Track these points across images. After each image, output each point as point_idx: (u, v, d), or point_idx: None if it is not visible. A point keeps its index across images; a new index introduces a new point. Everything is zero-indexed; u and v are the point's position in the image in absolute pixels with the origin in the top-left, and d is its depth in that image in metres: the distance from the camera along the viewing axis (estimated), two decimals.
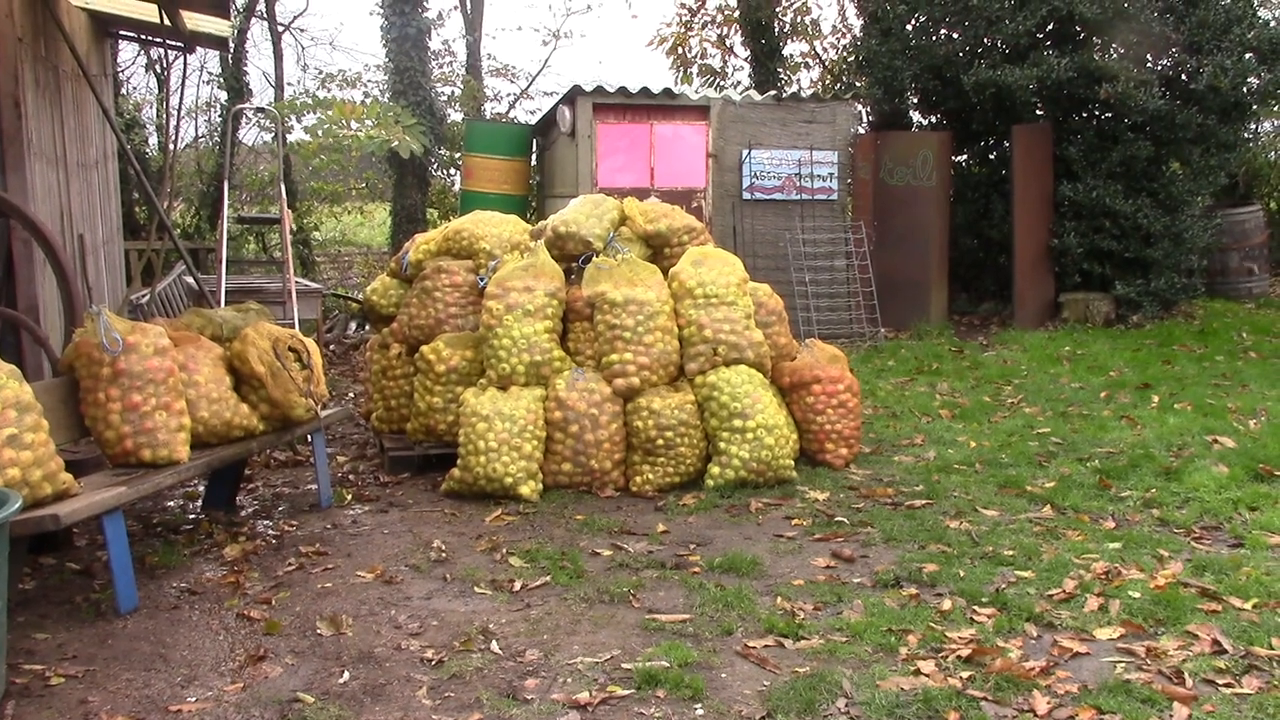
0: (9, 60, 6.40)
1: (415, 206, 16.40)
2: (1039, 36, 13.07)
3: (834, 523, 5.70)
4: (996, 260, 13.98)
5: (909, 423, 8.10)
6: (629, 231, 7.05)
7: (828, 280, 12.34)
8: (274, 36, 18.70)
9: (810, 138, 12.74)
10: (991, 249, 14.07)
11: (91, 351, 5.00)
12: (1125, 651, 4.03)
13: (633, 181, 12.29)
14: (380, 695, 3.77)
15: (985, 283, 14.24)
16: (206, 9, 8.77)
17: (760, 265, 11.73)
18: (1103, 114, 13.15)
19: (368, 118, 14.21)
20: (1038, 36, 13.05)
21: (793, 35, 18.89)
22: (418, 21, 16.12)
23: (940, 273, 13.09)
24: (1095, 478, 6.39)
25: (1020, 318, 12.69)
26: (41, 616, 4.53)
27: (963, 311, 13.74)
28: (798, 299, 11.65)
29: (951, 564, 4.98)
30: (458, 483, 6.23)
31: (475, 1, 20.16)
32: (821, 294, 12.18)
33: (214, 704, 3.71)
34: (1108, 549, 5.15)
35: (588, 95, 12.41)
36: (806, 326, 11.40)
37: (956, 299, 13.81)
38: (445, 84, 18.77)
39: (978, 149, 14.79)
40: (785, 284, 10.84)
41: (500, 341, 6.42)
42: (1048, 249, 12.85)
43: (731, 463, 6.27)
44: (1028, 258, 12.80)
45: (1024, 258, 12.78)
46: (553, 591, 4.76)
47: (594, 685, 3.80)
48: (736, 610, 4.47)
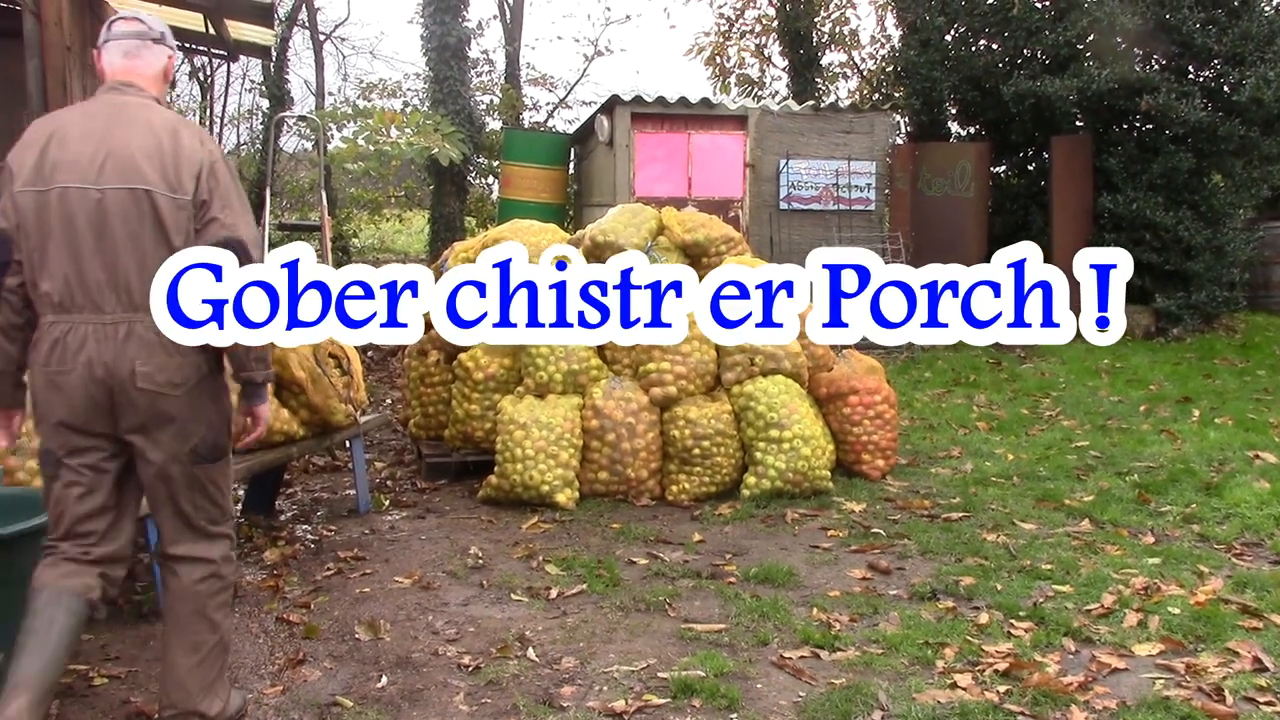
0: (58, 70, 6.51)
1: (453, 214, 16.50)
2: (1079, 47, 13.01)
3: (870, 534, 5.69)
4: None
5: (946, 434, 8.08)
6: (667, 241, 7.07)
7: None
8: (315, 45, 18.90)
9: (848, 148, 12.74)
10: None
11: None
12: (1165, 668, 4.00)
13: (670, 191, 12.33)
14: (418, 700, 3.80)
15: None
16: (251, 19, 8.88)
17: None
18: (1143, 125, 13.08)
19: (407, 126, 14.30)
20: (1078, 47, 12.99)
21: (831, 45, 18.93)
22: (457, 31, 16.23)
23: None
24: (1134, 492, 6.35)
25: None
26: None
27: None
28: None
29: (989, 577, 4.96)
30: (495, 490, 6.26)
31: (515, 11, 20.29)
32: None
33: (254, 706, 3.75)
34: (1147, 564, 5.12)
35: (626, 104, 12.46)
36: None
37: None
38: (484, 93, 18.88)
39: (1016, 160, 14.74)
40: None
41: (538, 349, 6.45)
42: None
43: (768, 473, 6.28)
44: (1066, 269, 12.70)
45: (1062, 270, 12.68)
46: (589, 599, 4.78)
47: (630, 694, 3.81)
48: (772, 621, 4.47)
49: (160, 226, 3.18)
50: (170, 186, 3.20)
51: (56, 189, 3.16)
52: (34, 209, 3.17)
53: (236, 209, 3.30)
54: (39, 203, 3.16)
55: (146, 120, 3.27)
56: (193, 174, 3.23)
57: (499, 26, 20.63)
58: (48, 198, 3.16)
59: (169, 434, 3.25)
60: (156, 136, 3.23)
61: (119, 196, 3.16)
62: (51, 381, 3.17)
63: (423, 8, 16.44)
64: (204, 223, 3.24)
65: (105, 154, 3.18)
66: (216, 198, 3.26)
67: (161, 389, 3.20)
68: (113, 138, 3.21)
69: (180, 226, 3.21)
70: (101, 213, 3.16)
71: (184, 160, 3.23)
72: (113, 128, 3.23)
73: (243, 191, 3.38)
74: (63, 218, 3.15)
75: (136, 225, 3.17)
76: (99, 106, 3.31)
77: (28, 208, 3.17)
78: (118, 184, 3.17)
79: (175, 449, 3.27)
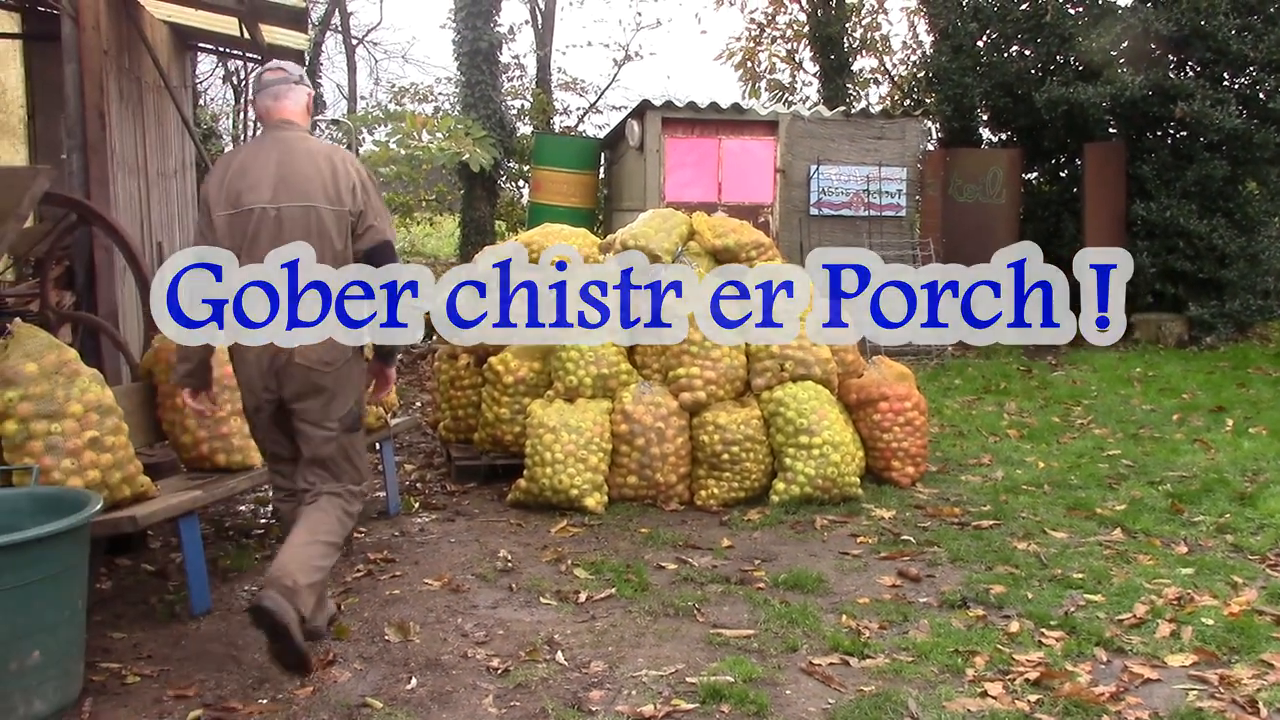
0: (95, 73, 6.56)
1: (484, 218, 16.56)
2: (1113, 54, 12.93)
3: (900, 541, 5.67)
4: (1066, 279, 13.81)
5: (976, 442, 8.04)
6: (697, 246, 7.07)
7: None
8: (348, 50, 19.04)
9: (879, 154, 12.71)
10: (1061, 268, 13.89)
11: (170, 357, 5.11)
12: (1198, 679, 3.97)
13: (700, 196, 12.33)
14: (447, 703, 3.81)
15: None
16: (285, 23, 8.93)
17: None
18: (1178, 132, 12.98)
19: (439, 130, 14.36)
20: (1112, 54, 12.91)
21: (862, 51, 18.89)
22: (489, 36, 16.30)
23: None
24: (1167, 502, 6.29)
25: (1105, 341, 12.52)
26: (117, 616, 4.63)
27: None
28: None
29: (1019, 586, 4.93)
30: (524, 493, 6.28)
31: (546, 17, 20.36)
32: None
33: (284, 706, 3.77)
34: (1180, 574, 5.07)
35: (656, 109, 12.48)
36: (873, 343, 11.33)
37: None
38: (515, 97, 18.95)
39: (1048, 167, 14.67)
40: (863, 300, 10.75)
41: (568, 353, 6.46)
42: None
43: (797, 479, 6.26)
44: None
45: None
46: (618, 604, 4.78)
47: (659, 699, 3.81)
48: (801, 627, 4.46)
49: (325, 233, 4.11)
50: (330, 201, 4.12)
51: (244, 210, 4.09)
52: (228, 227, 4.11)
53: (383, 215, 4.30)
54: (232, 222, 4.10)
55: (306, 150, 4.20)
56: (349, 190, 4.17)
57: (530, 31, 20.74)
58: (238, 217, 4.09)
59: (319, 402, 4.15)
60: (316, 163, 4.16)
61: (292, 212, 4.09)
62: (239, 355, 4.18)
63: (455, 13, 16.52)
64: (363, 229, 4.19)
65: (279, 179, 4.11)
66: (369, 209, 4.22)
67: (314, 365, 4.11)
68: (283, 166, 4.13)
69: (341, 232, 4.15)
70: (278, 225, 4.07)
71: (340, 180, 4.16)
72: (281, 158, 4.15)
73: (382, 197, 4.34)
74: (250, 232, 4.08)
75: (304, 234, 4.08)
76: (268, 142, 4.23)
77: (224, 227, 4.12)
78: (290, 202, 4.09)
79: (322, 416, 4.17)
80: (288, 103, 4.31)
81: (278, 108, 4.29)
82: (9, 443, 4.14)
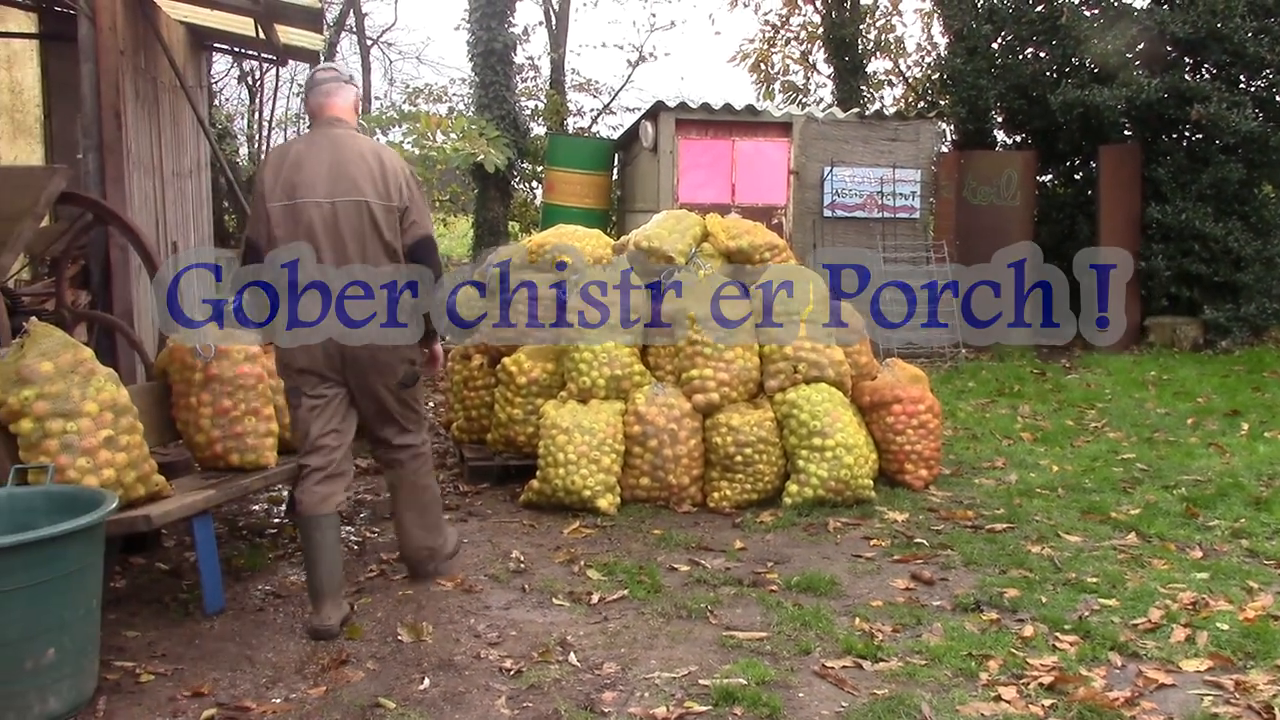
0: (111, 73, 6.59)
1: (497, 219, 16.58)
2: (1128, 56, 12.89)
3: (913, 544, 5.66)
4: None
5: (990, 445, 8.02)
6: (711, 248, 7.07)
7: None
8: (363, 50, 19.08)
9: (893, 156, 12.68)
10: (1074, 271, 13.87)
11: (185, 357, 5.13)
12: (1213, 684, 3.95)
13: (713, 197, 12.32)
14: (460, 703, 3.81)
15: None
16: (301, 24, 8.95)
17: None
18: (1193, 135, 12.93)
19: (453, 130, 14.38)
20: (1127, 56, 12.87)
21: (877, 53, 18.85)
22: (503, 37, 16.32)
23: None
24: (1182, 506, 6.27)
25: (1104, 341, 12.50)
26: (132, 615, 4.64)
27: None
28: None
29: (1033, 589, 4.92)
30: (536, 494, 6.28)
31: (560, 18, 20.37)
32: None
33: (297, 706, 3.78)
34: (1195, 579, 5.05)
35: (670, 111, 12.47)
36: (886, 345, 11.31)
37: None
38: (529, 98, 18.96)
39: (1063, 169, 14.63)
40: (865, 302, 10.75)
41: (581, 355, 6.46)
42: (1134, 272, 12.66)
43: (810, 481, 6.25)
44: None
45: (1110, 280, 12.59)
46: (630, 605, 4.78)
47: (671, 700, 3.81)
48: (814, 630, 4.45)
49: (375, 226, 4.44)
50: (380, 196, 4.45)
51: (298, 202, 4.38)
52: (283, 217, 4.39)
53: (425, 212, 4.67)
54: (286, 212, 4.39)
55: (356, 148, 4.50)
56: (397, 187, 4.49)
57: (544, 32, 20.74)
58: (292, 209, 4.38)
59: (385, 374, 4.58)
60: (366, 160, 4.47)
61: (345, 206, 4.40)
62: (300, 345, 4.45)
63: (470, 14, 16.55)
64: (407, 224, 4.53)
65: (332, 175, 4.41)
66: (414, 205, 4.56)
67: (378, 343, 4.50)
68: (335, 164, 4.43)
69: (390, 226, 4.48)
70: (333, 218, 4.39)
71: (389, 176, 4.48)
72: (333, 154, 4.45)
73: (424, 193, 4.73)
74: (305, 222, 4.37)
75: (357, 226, 4.41)
76: (319, 138, 4.52)
77: (279, 217, 4.40)
78: (343, 197, 4.40)
79: (387, 381, 4.60)
80: (338, 100, 4.60)
81: (329, 104, 4.57)
82: (25, 441, 4.16)
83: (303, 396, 4.52)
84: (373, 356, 4.51)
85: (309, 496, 4.47)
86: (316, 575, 4.44)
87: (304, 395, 4.52)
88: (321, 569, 4.44)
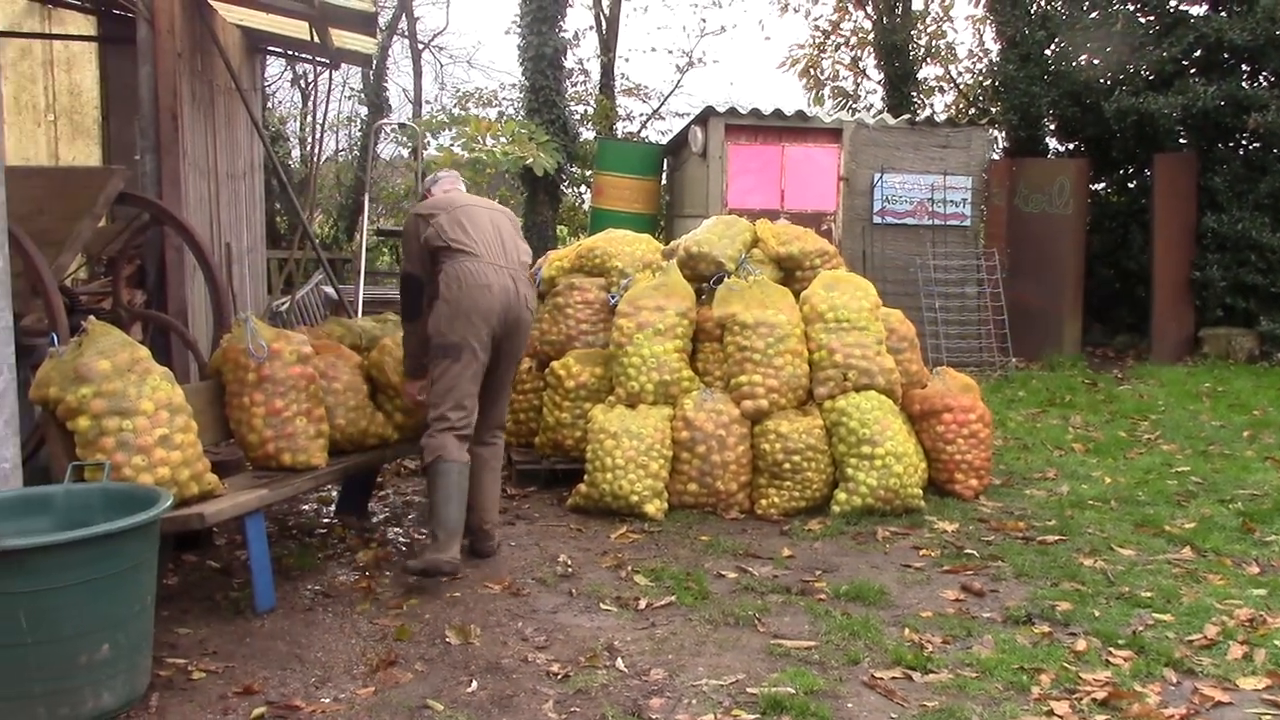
0: (169, 75, 6.67)
1: (546, 223, 16.62)
2: (1184, 64, 12.73)
3: (963, 555, 5.60)
4: (1133, 292, 13.64)
5: (1040, 455, 7.94)
6: (761, 253, 7.04)
7: (958, 307, 12.12)
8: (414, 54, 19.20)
9: (944, 162, 12.59)
10: (1129, 280, 13.73)
11: (238, 357, 5.17)
12: (1271, 704, 3.88)
13: (762, 203, 12.28)
14: (507, 707, 3.81)
15: (1121, 314, 13.89)
16: (355, 27, 9.02)
17: (889, 290, 11.55)
18: (1250, 144, 12.75)
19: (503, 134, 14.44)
20: (1183, 64, 12.71)
21: (928, 59, 18.69)
22: (554, 41, 16.36)
23: (1074, 303, 12.80)
24: (1238, 520, 6.17)
25: (1157, 351, 12.35)
26: (184, 612, 4.68)
27: (1096, 343, 13.41)
28: (927, 325, 11.45)
29: (1086, 603, 4.85)
30: (584, 498, 6.28)
31: (610, 23, 20.41)
32: (951, 321, 11.97)
33: (346, 706, 3.80)
34: (1252, 595, 4.97)
35: (720, 116, 12.45)
36: (935, 354, 11.21)
37: (1090, 330, 13.48)
38: (578, 103, 19.02)
39: (1116, 177, 14.47)
40: (914, 310, 10.65)
41: (630, 359, 6.46)
42: (1189, 282, 12.49)
43: (859, 489, 6.21)
44: (1167, 290, 12.46)
45: (1163, 290, 12.44)
46: (678, 611, 4.76)
47: (719, 708, 3.79)
48: (863, 639, 4.42)
49: (516, 231, 5.62)
50: (510, 220, 5.65)
51: (468, 208, 5.47)
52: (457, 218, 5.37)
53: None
54: (454, 217, 5.34)
55: (485, 199, 5.99)
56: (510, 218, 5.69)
57: (594, 37, 20.78)
58: (462, 213, 5.38)
59: (523, 339, 5.52)
60: (491, 201, 5.93)
61: (498, 214, 5.57)
62: (471, 306, 5.17)
63: (521, 18, 16.61)
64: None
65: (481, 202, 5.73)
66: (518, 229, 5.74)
67: (531, 308, 5.49)
68: (477, 198, 5.88)
69: (520, 233, 5.67)
70: (496, 220, 5.49)
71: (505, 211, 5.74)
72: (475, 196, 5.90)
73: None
74: (474, 220, 5.37)
75: (509, 228, 5.54)
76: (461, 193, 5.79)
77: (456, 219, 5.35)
78: (496, 210, 5.63)
79: (520, 350, 5.56)
80: (460, 184, 5.95)
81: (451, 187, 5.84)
82: (82, 439, 4.21)
83: (464, 353, 5.16)
84: (528, 326, 5.49)
85: (452, 444, 5.12)
86: (447, 513, 5.03)
87: (466, 353, 5.17)
88: (453, 507, 5.05)
